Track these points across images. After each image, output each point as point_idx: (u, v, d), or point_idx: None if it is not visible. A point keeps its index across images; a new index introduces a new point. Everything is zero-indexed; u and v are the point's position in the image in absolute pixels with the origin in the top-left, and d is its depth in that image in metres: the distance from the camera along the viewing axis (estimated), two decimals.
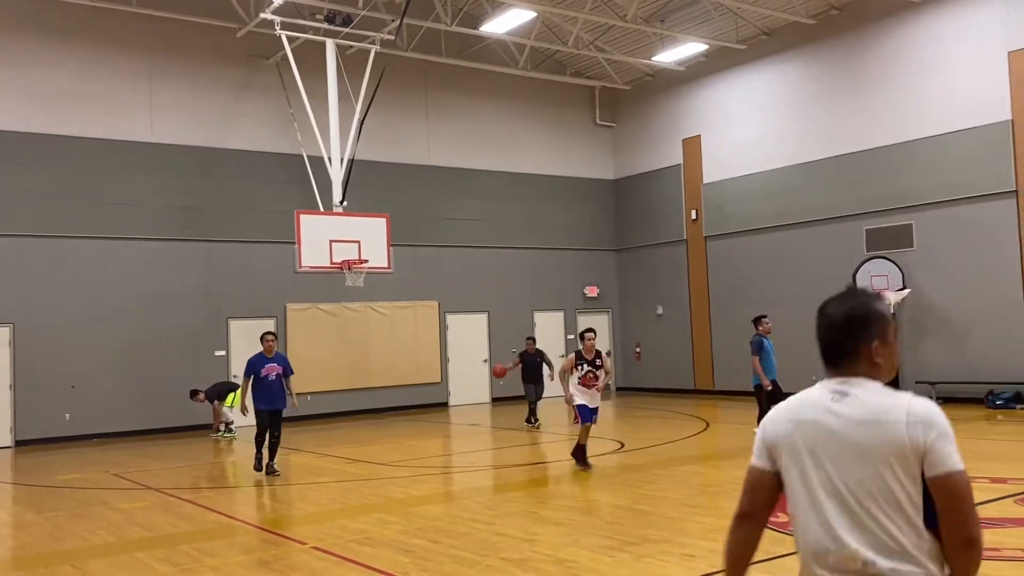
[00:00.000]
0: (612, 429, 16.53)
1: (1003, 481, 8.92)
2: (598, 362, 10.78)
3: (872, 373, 2.37)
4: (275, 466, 11.69)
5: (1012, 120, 16.38)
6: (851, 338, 2.38)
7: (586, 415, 10.72)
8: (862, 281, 17.96)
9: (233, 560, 7.31)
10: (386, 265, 16.28)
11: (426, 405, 20.99)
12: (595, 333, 10.99)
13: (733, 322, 21.59)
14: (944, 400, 16.98)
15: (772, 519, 8.31)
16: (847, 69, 19.19)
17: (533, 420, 16.40)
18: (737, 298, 21.31)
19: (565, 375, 10.90)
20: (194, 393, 16.85)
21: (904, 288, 17.53)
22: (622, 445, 13.62)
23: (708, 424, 16.34)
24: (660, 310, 23.45)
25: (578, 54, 21.84)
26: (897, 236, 18.15)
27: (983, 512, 7.57)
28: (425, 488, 10.77)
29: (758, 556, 7.45)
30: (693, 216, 22.58)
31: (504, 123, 22.98)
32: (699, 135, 22.42)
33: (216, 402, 16.66)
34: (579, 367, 10.78)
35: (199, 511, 9.68)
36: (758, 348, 12.54)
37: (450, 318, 21.77)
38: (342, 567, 6.88)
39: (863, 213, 18.74)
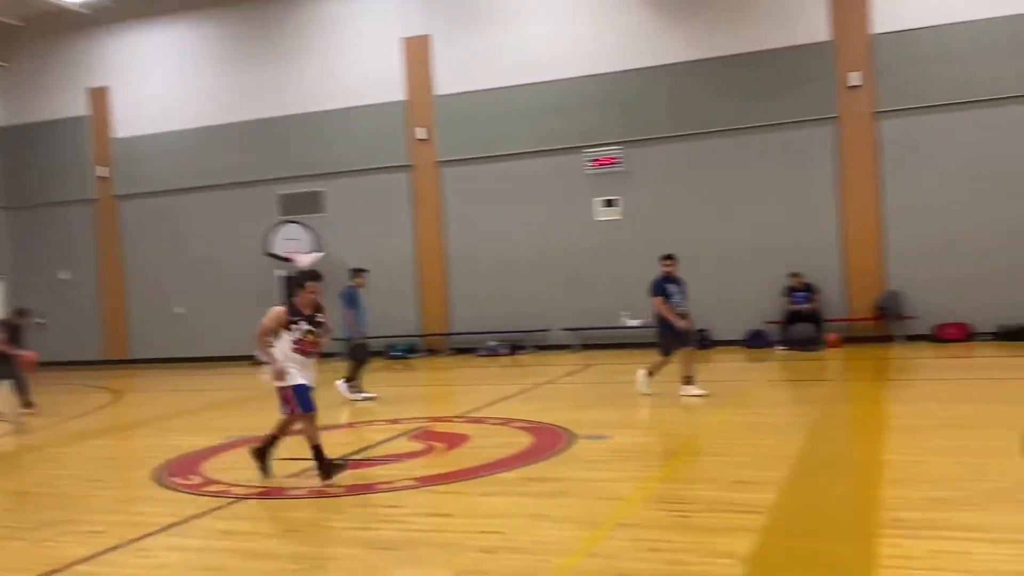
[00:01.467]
0: None
1: (397, 422, 10.01)
2: (319, 317, 7.48)
3: None
4: None
5: (407, 101, 18.29)
6: None
7: (308, 401, 7.35)
8: (277, 247, 18.59)
9: None
10: None
11: None
12: (320, 282, 7.53)
13: (152, 287, 20.65)
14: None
15: (182, 481, 8.11)
16: (264, 35, 19.49)
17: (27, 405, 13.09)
18: (157, 261, 20.45)
19: (268, 337, 7.34)
20: None
21: (317, 251, 18.54)
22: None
23: (119, 394, 15.45)
24: (65, 275, 21.36)
25: None
26: (310, 202, 19.12)
27: (385, 450, 8.40)
28: None
29: (168, 520, 7.18)
30: (103, 173, 20.94)
31: None
32: (109, 86, 20.80)
33: None
34: (294, 326, 7.37)
35: None
36: (349, 301, 11.91)
37: None
38: None
39: (277, 178, 19.32)
